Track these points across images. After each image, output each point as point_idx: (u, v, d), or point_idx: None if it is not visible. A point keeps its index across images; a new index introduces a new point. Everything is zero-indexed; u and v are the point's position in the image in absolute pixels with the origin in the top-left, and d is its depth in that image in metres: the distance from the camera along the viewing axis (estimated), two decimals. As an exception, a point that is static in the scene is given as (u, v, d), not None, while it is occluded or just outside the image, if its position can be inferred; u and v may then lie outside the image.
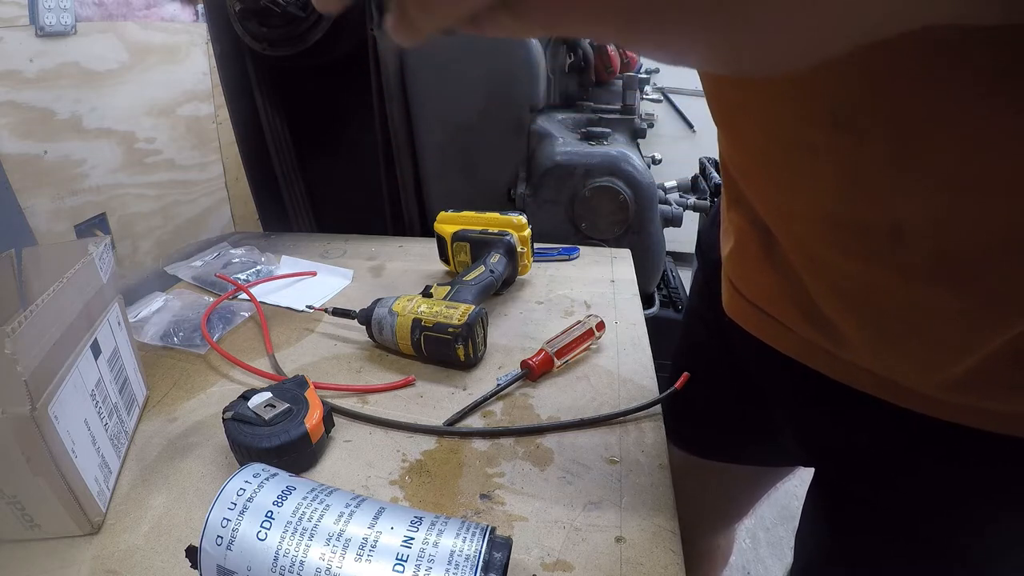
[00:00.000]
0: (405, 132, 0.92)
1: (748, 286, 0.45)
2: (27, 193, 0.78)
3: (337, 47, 0.86)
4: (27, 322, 0.31)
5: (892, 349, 0.34)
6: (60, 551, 0.36)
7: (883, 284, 0.32)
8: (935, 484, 0.36)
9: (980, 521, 0.36)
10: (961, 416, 0.33)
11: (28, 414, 0.31)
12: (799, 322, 0.39)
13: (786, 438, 0.48)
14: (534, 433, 0.46)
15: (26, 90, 0.78)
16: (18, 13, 0.76)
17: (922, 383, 0.33)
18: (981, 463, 0.34)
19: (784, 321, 0.41)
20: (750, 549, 1.31)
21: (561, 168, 0.91)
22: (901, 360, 0.34)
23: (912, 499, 0.38)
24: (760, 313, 0.43)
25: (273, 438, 0.40)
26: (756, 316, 0.44)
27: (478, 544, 0.28)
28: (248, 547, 0.28)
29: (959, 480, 0.35)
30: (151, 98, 1.02)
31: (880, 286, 0.32)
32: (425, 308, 0.55)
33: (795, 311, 0.39)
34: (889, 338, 0.34)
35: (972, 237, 0.27)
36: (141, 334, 0.60)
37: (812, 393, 0.41)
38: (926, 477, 0.37)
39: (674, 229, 1.05)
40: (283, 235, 0.94)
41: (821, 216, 0.33)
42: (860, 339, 0.35)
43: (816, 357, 0.39)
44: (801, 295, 0.38)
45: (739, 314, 0.46)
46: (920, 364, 0.33)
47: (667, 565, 0.34)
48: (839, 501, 0.43)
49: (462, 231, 0.70)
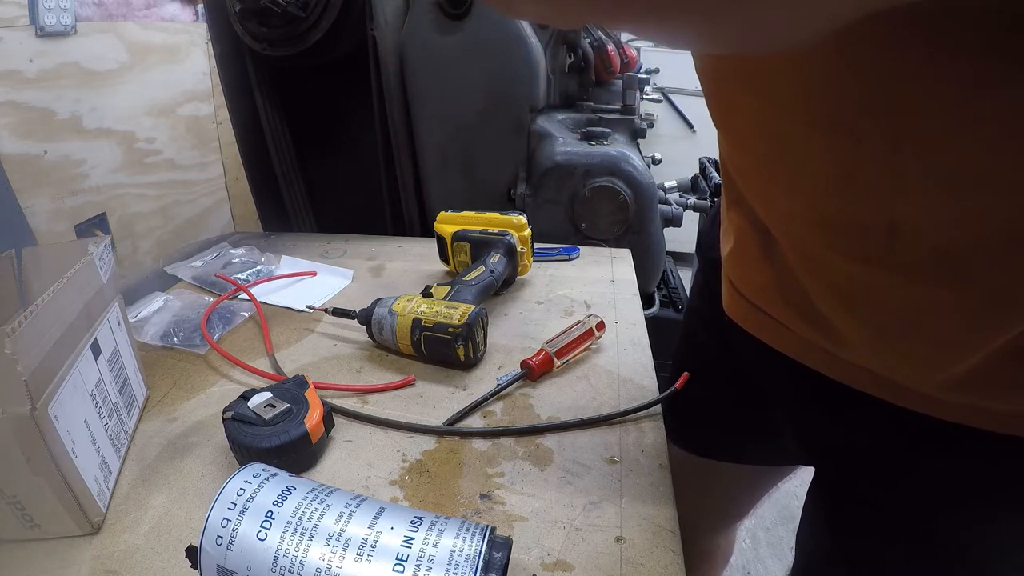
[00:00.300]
0: (405, 132, 0.92)
1: (747, 286, 0.45)
2: (27, 193, 0.78)
3: (337, 47, 0.86)
4: (27, 322, 0.31)
5: (891, 348, 0.34)
6: (60, 551, 0.36)
7: (882, 283, 0.32)
8: (935, 484, 0.36)
9: (981, 521, 0.36)
10: (961, 416, 0.33)
11: (28, 414, 0.31)
12: (798, 322, 0.39)
13: (786, 438, 0.48)
14: (534, 433, 0.46)
15: (26, 90, 0.78)
16: (18, 13, 0.76)
17: (922, 383, 0.33)
18: (981, 462, 0.34)
19: (783, 321, 0.41)
20: (750, 549, 1.31)
21: (561, 168, 0.91)
22: (901, 360, 0.34)
23: (912, 499, 0.38)
24: (759, 313, 0.43)
25: (273, 438, 0.40)
26: (755, 316, 0.44)
27: (478, 544, 0.28)
28: (248, 547, 0.28)
29: (959, 480, 0.35)
30: (151, 98, 1.02)
31: (879, 285, 0.32)
32: (425, 308, 0.55)
33: (794, 311, 0.39)
34: (888, 337, 0.34)
35: (970, 236, 0.27)
36: (141, 334, 0.60)
37: (812, 393, 0.41)
38: (926, 477, 0.37)
39: (674, 229, 1.05)
40: (283, 235, 0.94)
41: (819, 216, 0.33)
42: (858, 339, 0.35)
43: (815, 357, 0.39)
44: (800, 295, 0.38)
45: (739, 314, 0.46)
46: (920, 363, 0.33)
47: (667, 565, 0.34)
48: (839, 501, 0.43)
49: (462, 231, 0.70)
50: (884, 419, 0.36)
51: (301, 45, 0.83)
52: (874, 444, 0.39)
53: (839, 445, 0.42)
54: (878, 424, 0.37)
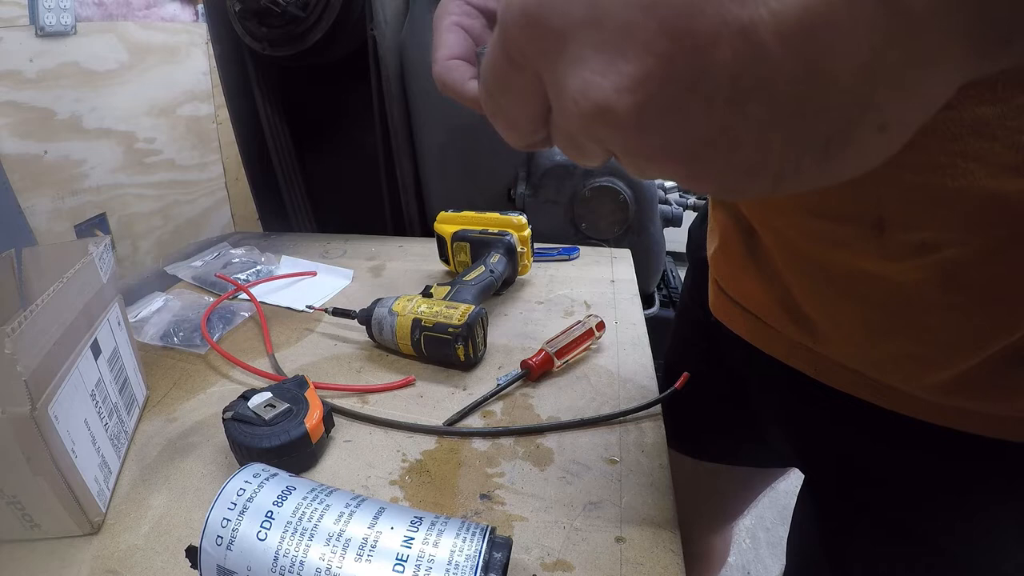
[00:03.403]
0: (405, 132, 0.92)
1: (732, 285, 0.45)
2: (27, 193, 0.78)
3: (337, 47, 0.86)
4: (27, 322, 0.31)
5: (879, 348, 0.34)
6: (60, 551, 0.36)
7: (868, 278, 0.31)
8: (926, 485, 0.36)
9: (972, 522, 0.35)
10: (948, 419, 0.32)
11: (28, 414, 0.31)
12: (783, 322, 0.39)
13: (776, 439, 0.48)
14: (534, 433, 0.46)
15: (26, 90, 0.78)
16: (18, 13, 0.76)
17: (911, 385, 0.33)
18: (971, 463, 0.34)
19: (769, 321, 0.41)
20: (750, 549, 1.31)
21: (561, 168, 0.91)
22: (889, 361, 0.34)
23: (902, 501, 0.37)
24: (745, 313, 0.43)
25: (273, 438, 0.40)
26: (741, 316, 0.44)
27: (478, 544, 0.28)
28: (248, 547, 0.28)
29: (950, 481, 0.35)
30: (151, 98, 1.02)
31: (865, 280, 0.32)
32: (425, 308, 0.55)
33: (779, 311, 0.39)
34: (876, 336, 0.33)
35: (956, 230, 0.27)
36: (141, 334, 0.60)
37: (798, 394, 0.41)
38: (916, 478, 0.36)
39: (674, 229, 1.05)
40: (283, 235, 0.94)
41: (802, 207, 0.32)
42: (843, 337, 0.35)
43: (800, 357, 0.39)
44: (784, 294, 0.38)
45: (725, 314, 0.46)
46: (909, 365, 0.33)
47: (667, 565, 0.34)
48: (829, 503, 0.43)
49: (462, 231, 0.70)
50: (870, 420, 0.36)
51: (301, 45, 0.83)
52: (862, 445, 0.39)
53: (827, 447, 0.42)
54: (865, 425, 0.37)
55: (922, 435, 0.34)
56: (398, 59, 0.88)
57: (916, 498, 0.37)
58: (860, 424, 0.38)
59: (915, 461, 0.36)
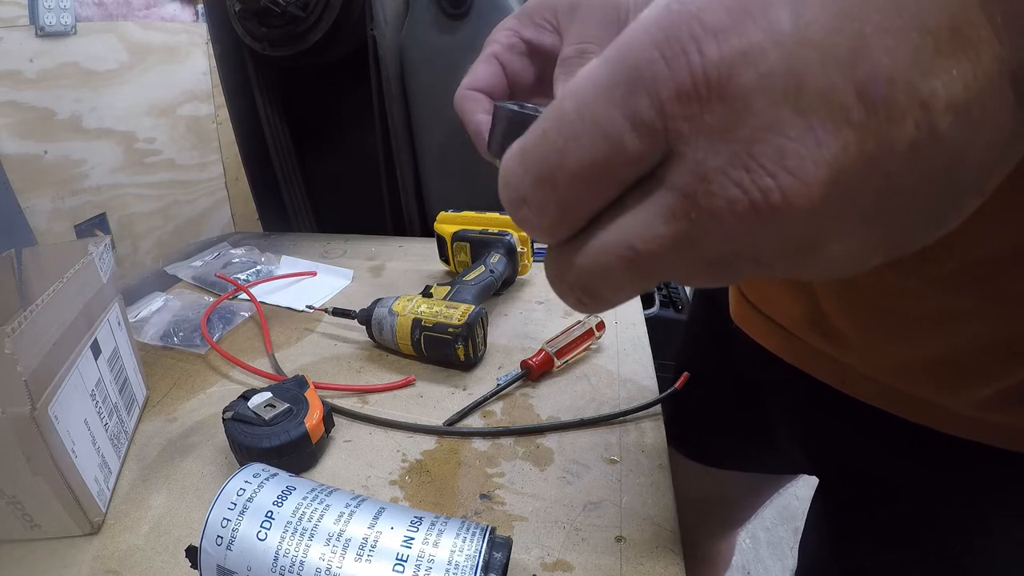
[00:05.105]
0: (405, 132, 0.92)
1: (757, 295, 0.44)
2: (27, 193, 0.78)
3: (337, 47, 0.86)
4: (27, 322, 0.31)
5: (908, 359, 0.33)
6: (60, 551, 0.36)
7: (901, 289, 0.31)
8: (945, 499, 0.36)
9: (992, 537, 0.35)
10: (979, 433, 0.32)
11: (28, 414, 0.31)
12: (811, 333, 0.39)
13: (789, 447, 0.48)
14: (534, 433, 0.46)
15: (26, 90, 0.78)
16: (18, 13, 0.76)
17: (943, 395, 0.32)
18: (991, 475, 0.33)
19: (794, 331, 0.40)
20: (750, 549, 1.31)
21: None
22: (919, 371, 0.33)
23: (920, 513, 0.37)
24: (769, 322, 0.43)
25: (273, 438, 0.40)
26: (764, 324, 0.43)
27: (478, 544, 0.28)
28: (248, 547, 0.28)
29: (968, 493, 0.35)
30: (151, 98, 1.02)
31: (897, 292, 0.31)
32: (425, 308, 0.55)
33: (806, 322, 0.39)
34: (905, 348, 0.33)
35: (1007, 246, 0.26)
36: (141, 334, 0.60)
37: (817, 404, 0.41)
38: (936, 491, 0.36)
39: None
40: (283, 235, 0.94)
41: None
42: (870, 348, 0.34)
43: (824, 368, 0.39)
44: (812, 306, 0.37)
45: (746, 322, 0.46)
46: (941, 374, 0.32)
47: (667, 565, 0.34)
48: (843, 511, 0.43)
49: (462, 231, 0.70)
50: (890, 430, 0.35)
51: (301, 45, 0.83)
52: (880, 455, 0.38)
53: (843, 456, 0.41)
54: (884, 435, 0.37)
55: (946, 449, 0.33)
56: (398, 59, 0.88)
57: (934, 511, 0.36)
58: (880, 435, 0.37)
59: (936, 474, 0.35)
